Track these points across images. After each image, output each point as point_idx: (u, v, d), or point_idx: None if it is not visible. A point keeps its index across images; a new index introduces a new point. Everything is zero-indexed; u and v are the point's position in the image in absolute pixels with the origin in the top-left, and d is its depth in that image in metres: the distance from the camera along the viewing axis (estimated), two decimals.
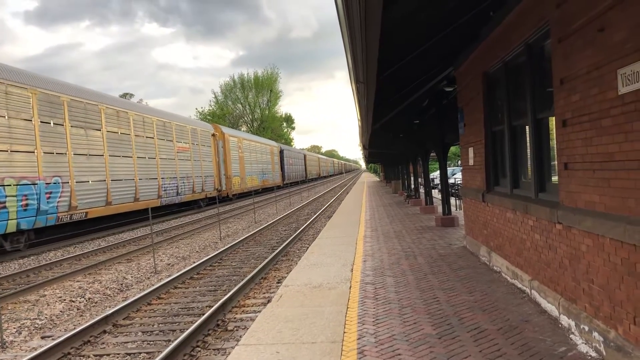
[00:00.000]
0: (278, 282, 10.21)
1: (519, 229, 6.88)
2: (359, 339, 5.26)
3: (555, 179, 5.88)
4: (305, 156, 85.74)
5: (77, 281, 11.90)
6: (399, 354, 4.76)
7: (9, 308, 9.66)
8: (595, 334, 4.49)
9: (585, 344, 4.67)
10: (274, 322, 6.06)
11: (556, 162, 5.52)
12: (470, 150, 9.61)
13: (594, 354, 4.47)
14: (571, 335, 4.96)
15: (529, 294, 6.45)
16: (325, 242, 12.68)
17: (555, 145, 5.59)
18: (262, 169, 51.68)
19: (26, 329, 8.24)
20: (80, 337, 7.20)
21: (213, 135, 36.92)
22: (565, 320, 5.22)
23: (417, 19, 6.47)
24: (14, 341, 7.68)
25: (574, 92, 4.81)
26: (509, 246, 7.38)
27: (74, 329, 7.80)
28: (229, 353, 5.38)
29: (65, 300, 10.02)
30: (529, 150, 6.69)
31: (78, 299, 10.09)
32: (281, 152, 63.98)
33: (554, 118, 5.55)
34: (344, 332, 5.49)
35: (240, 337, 6.34)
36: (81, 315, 9.06)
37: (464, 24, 7.29)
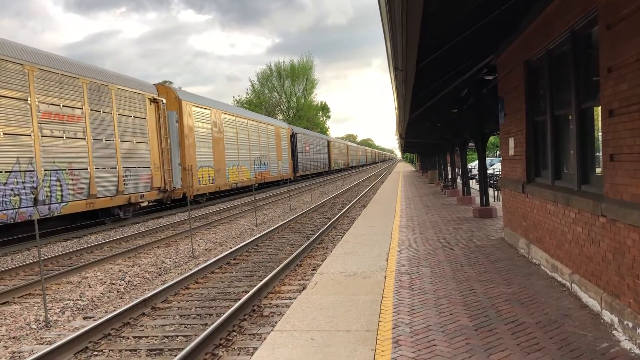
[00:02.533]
0: (313, 270, 10.26)
1: (560, 221, 6.72)
2: (394, 328, 5.25)
3: (599, 170, 5.71)
4: (329, 142, 73.62)
5: (117, 264, 12.23)
6: (435, 345, 4.73)
7: (53, 289, 10.00)
8: None
9: (629, 340, 4.54)
10: (309, 309, 6.09)
11: (601, 154, 5.35)
12: (511, 141, 9.42)
13: (638, 351, 4.34)
14: (614, 331, 4.83)
15: (569, 288, 6.30)
16: (360, 231, 12.67)
17: (600, 136, 5.42)
18: (258, 157, 38.34)
19: (69, 309, 8.52)
20: (120, 318, 7.39)
21: (154, 101, 22.98)
22: (607, 316, 5.08)
23: (459, 5, 6.33)
24: (58, 320, 7.95)
25: (622, 80, 4.64)
26: (549, 239, 7.22)
27: (114, 310, 8.02)
28: (265, 338, 5.44)
29: (105, 282, 10.30)
30: (572, 141, 6.51)
31: (118, 281, 10.36)
32: (293, 135, 50.92)
33: (599, 108, 5.38)
34: (379, 321, 5.49)
35: (276, 322, 6.40)
36: (121, 298, 9.31)
37: (507, 10, 7.10)
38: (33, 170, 15.65)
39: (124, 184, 20.32)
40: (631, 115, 4.50)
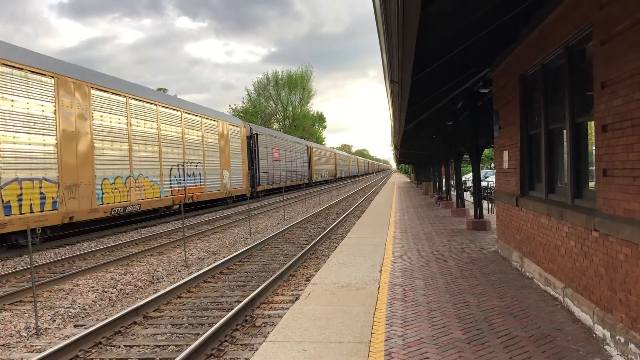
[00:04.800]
0: (306, 280, 10.23)
1: (553, 235, 6.73)
2: (386, 340, 5.23)
3: (592, 185, 5.73)
4: (310, 149, 61.68)
5: (110, 272, 12.15)
6: (427, 357, 4.72)
7: (44, 296, 9.92)
8: (632, 345, 4.36)
9: (621, 355, 4.54)
10: (301, 319, 6.07)
11: (594, 168, 5.38)
12: (505, 154, 9.45)
13: None
14: (606, 346, 4.83)
15: (561, 302, 6.31)
16: (354, 241, 12.65)
17: (593, 151, 5.45)
18: (180, 165, 25.49)
19: (60, 317, 8.45)
20: (112, 327, 7.34)
21: None
22: (599, 330, 5.09)
23: (455, 19, 6.39)
24: (49, 328, 7.88)
25: (616, 96, 4.68)
26: (542, 252, 7.23)
27: (106, 319, 7.96)
28: (257, 349, 5.42)
29: (97, 290, 10.23)
30: (565, 155, 6.54)
31: (110, 289, 10.30)
32: (251, 136, 38.32)
33: (593, 122, 5.41)
34: (372, 333, 5.47)
35: (268, 333, 6.36)
36: (113, 306, 9.24)
37: (503, 25, 7.17)
38: None
39: None
40: (624, 130, 4.53)
